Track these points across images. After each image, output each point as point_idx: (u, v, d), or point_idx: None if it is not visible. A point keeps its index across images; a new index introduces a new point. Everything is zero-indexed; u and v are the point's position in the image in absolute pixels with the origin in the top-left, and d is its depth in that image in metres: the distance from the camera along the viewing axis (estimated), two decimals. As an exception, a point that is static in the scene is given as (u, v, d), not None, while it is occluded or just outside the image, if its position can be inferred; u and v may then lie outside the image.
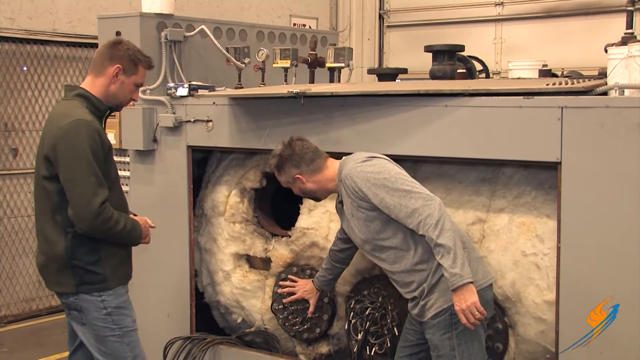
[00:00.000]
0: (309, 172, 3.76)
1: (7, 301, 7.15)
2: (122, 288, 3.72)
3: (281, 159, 3.80)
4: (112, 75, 3.64)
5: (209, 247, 5.00)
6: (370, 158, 3.59)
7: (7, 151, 7.18)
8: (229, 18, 8.12)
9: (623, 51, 3.60)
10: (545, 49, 8.55)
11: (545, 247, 3.78)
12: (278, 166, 3.82)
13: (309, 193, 3.86)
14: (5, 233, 7.14)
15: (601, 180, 3.45)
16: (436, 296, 3.47)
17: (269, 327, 4.79)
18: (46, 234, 3.63)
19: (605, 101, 3.46)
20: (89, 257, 3.58)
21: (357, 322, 4.25)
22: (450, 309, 3.41)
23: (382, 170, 3.49)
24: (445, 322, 3.45)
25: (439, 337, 3.48)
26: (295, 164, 3.77)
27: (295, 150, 3.78)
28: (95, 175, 3.45)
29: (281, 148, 3.82)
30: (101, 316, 3.62)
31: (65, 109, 3.59)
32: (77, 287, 3.59)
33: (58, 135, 3.47)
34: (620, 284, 3.43)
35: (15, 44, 7.12)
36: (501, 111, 3.70)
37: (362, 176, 3.49)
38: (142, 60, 3.73)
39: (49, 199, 3.57)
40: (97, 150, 3.49)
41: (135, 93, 3.78)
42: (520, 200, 3.93)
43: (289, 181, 3.83)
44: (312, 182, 3.78)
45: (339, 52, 5.07)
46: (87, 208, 3.43)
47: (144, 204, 4.90)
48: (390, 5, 10.45)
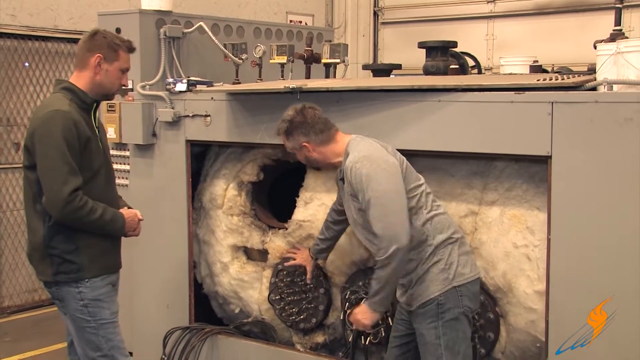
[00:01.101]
0: (317, 142, 3.64)
1: (10, 292, 7.14)
2: (100, 280, 3.65)
3: (291, 124, 3.66)
4: (95, 65, 3.61)
5: (207, 239, 4.99)
6: (378, 160, 3.44)
7: (9, 145, 7.16)
8: (226, 15, 8.11)
9: (612, 47, 3.60)
10: (536, 46, 8.54)
11: (535, 239, 3.79)
12: (287, 131, 3.68)
13: (313, 162, 3.76)
14: (8, 225, 7.13)
15: (590, 174, 3.45)
16: (424, 287, 3.48)
17: (266, 317, 4.79)
18: (30, 223, 3.63)
19: (595, 96, 3.46)
20: (65, 245, 3.56)
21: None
22: (436, 299, 3.45)
23: (382, 183, 3.38)
24: (431, 312, 3.47)
25: (425, 325, 3.50)
26: (304, 131, 3.63)
27: (307, 118, 3.64)
28: (68, 164, 3.43)
29: (292, 114, 3.67)
30: (78, 307, 3.60)
31: (48, 101, 3.62)
32: (54, 276, 3.58)
33: (35, 125, 3.50)
34: (610, 274, 3.44)
35: (17, 40, 7.10)
36: (493, 106, 3.70)
37: (365, 180, 3.38)
38: (120, 45, 3.68)
39: (31, 188, 3.57)
40: (72, 140, 3.46)
41: (123, 78, 3.73)
42: (512, 193, 3.93)
43: (296, 147, 3.70)
44: (318, 153, 3.66)
45: (334, 48, 5.06)
46: (57, 195, 3.41)
47: (144, 197, 4.90)
48: (385, 3, 10.43)
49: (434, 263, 3.48)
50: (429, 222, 3.50)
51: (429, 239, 3.49)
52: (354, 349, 4.31)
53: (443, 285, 3.46)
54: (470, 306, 3.52)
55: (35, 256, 3.64)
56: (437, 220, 3.52)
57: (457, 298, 3.46)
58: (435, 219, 3.52)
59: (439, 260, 3.48)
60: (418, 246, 3.47)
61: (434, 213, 3.54)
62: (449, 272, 3.47)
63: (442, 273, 3.47)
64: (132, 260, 4.88)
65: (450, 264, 3.48)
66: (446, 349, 3.46)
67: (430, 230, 3.49)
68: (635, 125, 3.32)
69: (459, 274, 3.49)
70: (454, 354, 3.47)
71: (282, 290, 4.59)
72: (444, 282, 3.46)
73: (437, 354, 3.47)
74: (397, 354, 3.77)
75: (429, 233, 3.49)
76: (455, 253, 3.51)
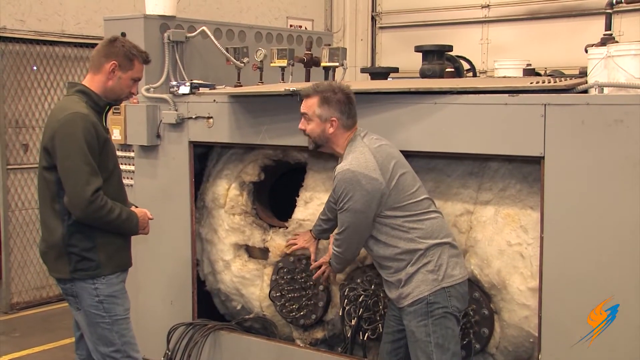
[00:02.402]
0: (342, 124, 3.60)
1: (19, 289, 7.13)
2: (116, 277, 3.67)
3: (334, 96, 3.59)
4: (109, 71, 3.63)
5: (209, 238, 4.98)
6: (360, 178, 3.45)
7: (18, 147, 7.15)
8: (228, 20, 8.09)
9: (602, 51, 3.60)
10: (529, 49, 8.54)
11: (529, 237, 3.78)
12: (327, 99, 3.59)
13: (323, 138, 3.65)
14: (17, 224, 7.12)
15: (582, 174, 3.45)
16: (413, 286, 3.49)
17: (267, 313, 4.79)
18: (47, 222, 3.63)
19: (586, 99, 3.45)
20: (84, 243, 3.57)
21: (350, 309, 4.25)
22: (426, 298, 3.46)
23: (357, 202, 3.47)
24: (421, 311, 3.48)
25: (415, 324, 3.50)
26: (342, 109, 3.58)
27: (351, 100, 3.61)
28: (89, 165, 3.45)
29: (342, 88, 3.62)
30: (94, 303, 3.61)
31: (64, 104, 3.61)
32: (71, 274, 3.58)
33: (55, 127, 3.49)
34: (600, 272, 3.43)
35: (26, 44, 7.09)
36: (487, 108, 3.69)
37: (343, 193, 3.48)
38: (137, 55, 3.69)
39: (49, 189, 3.58)
40: (92, 142, 3.48)
41: (133, 87, 3.74)
42: (506, 192, 3.92)
43: (321, 116, 3.60)
44: (334, 135, 3.61)
45: (333, 52, 5.05)
46: (80, 195, 3.43)
47: (148, 197, 4.89)
48: (383, 8, 10.43)
49: (423, 264, 3.48)
50: (420, 227, 3.52)
51: (420, 242, 3.50)
52: (352, 344, 4.30)
53: (432, 285, 3.47)
54: (458, 306, 3.53)
55: (51, 254, 3.64)
56: (429, 225, 3.54)
57: (446, 298, 3.47)
58: (427, 222, 3.54)
59: (429, 262, 3.49)
60: (409, 249, 3.50)
61: (427, 217, 3.55)
62: (438, 274, 3.48)
63: (432, 274, 3.47)
64: (137, 258, 4.84)
65: (439, 266, 3.49)
66: (436, 346, 3.47)
67: (422, 234, 3.51)
68: (625, 127, 3.32)
69: (448, 276, 3.49)
70: (444, 350, 3.48)
71: (283, 287, 4.58)
72: (434, 282, 3.47)
73: (428, 351, 3.47)
74: (389, 350, 3.78)
75: (421, 237, 3.51)
76: (445, 255, 3.52)
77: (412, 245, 3.50)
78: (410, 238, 3.50)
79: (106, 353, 3.65)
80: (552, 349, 3.57)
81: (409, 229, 3.51)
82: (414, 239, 3.50)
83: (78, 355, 3.94)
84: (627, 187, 3.34)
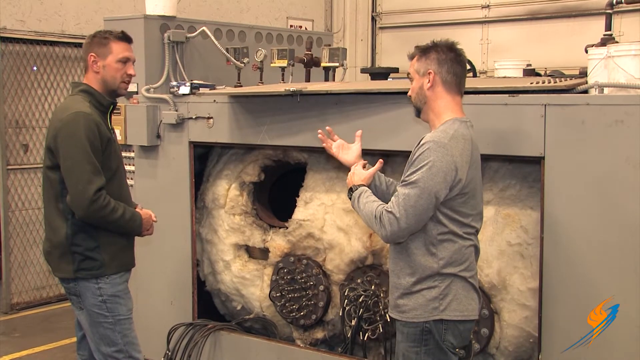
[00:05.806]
0: (441, 81, 3.17)
1: (19, 289, 7.13)
2: (119, 277, 3.67)
3: (434, 48, 3.21)
4: (92, 64, 3.64)
5: (210, 238, 4.98)
6: (447, 158, 3.01)
7: (18, 147, 7.15)
8: (228, 20, 8.08)
9: (602, 52, 3.60)
10: (529, 50, 8.54)
11: (529, 238, 3.78)
12: (426, 51, 3.22)
13: (421, 96, 3.24)
14: (17, 224, 7.12)
15: (582, 174, 3.45)
16: (410, 306, 3.14)
17: (267, 313, 4.79)
18: (51, 222, 3.64)
19: (586, 99, 3.46)
20: (88, 243, 3.57)
21: (350, 309, 4.25)
22: (422, 325, 3.13)
23: (435, 179, 2.99)
24: (415, 336, 3.15)
25: (406, 346, 3.19)
26: (440, 61, 3.17)
27: (455, 56, 3.19)
28: (92, 164, 3.45)
29: (442, 42, 3.22)
30: (97, 302, 3.61)
31: (68, 103, 3.62)
32: (75, 273, 3.59)
33: (58, 126, 3.50)
34: (600, 272, 3.43)
35: (26, 45, 7.09)
36: (488, 108, 3.69)
37: (425, 166, 3.02)
38: (109, 37, 3.66)
39: (53, 188, 3.59)
40: (95, 141, 3.48)
41: (127, 68, 3.69)
42: (506, 193, 3.92)
43: (419, 70, 3.23)
44: (432, 91, 3.18)
45: (333, 52, 5.05)
46: (83, 194, 3.43)
47: (148, 197, 4.89)
48: (383, 8, 10.42)
49: (428, 287, 3.11)
50: (449, 249, 3.11)
51: (438, 264, 3.11)
52: (352, 344, 4.30)
53: (430, 314, 3.11)
54: (453, 342, 3.15)
55: (54, 254, 3.64)
56: (455, 250, 3.11)
57: (441, 331, 3.11)
58: (454, 247, 3.11)
59: (435, 287, 3.10)
60: (425, 265, 3.12)
61: (460, 244, 3.12)
62: (440, 302, 3.10)
63: (433, 302, 3.10)
64: (138, 258, 4.83)
65: (444, 295, 3.10)
66: None
67: (445, 257, 3.10)
68: (625, 127, 3.32)
69: (452, 309, 3.11)
70: None
71: (283, 287, 4.58)
72: (433, 311, 3.10)
73: None
74: None
75: (442, 260, 3.10)
76: (456, 287, 3.12)
77: (431, 260, 3.11)
78: (434, 253, 3.10)
79: (108, 353, 3.65)
80: (552, 349, 3.57)
81: (439, 243, 3.11)
82: (436, 253, 3.10)
83: (80, 355, 3.94)
84: (627, 187, 3.34)
